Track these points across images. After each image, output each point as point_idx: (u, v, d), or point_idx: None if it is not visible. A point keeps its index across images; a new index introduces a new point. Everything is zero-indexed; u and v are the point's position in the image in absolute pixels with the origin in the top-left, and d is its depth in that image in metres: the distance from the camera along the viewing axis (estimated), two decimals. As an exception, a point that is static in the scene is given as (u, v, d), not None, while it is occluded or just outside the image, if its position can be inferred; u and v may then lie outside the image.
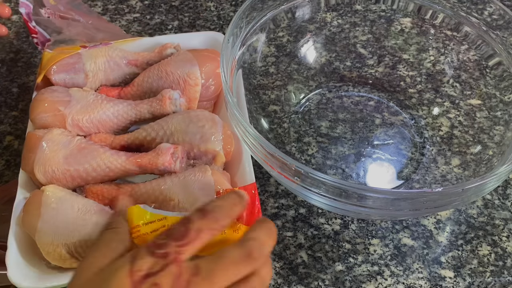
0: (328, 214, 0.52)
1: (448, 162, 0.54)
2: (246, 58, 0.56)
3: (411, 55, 0.63)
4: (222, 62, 0.46)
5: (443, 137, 0.57)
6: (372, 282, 0.47)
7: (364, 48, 0.65)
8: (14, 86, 0.65)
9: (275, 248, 0.49)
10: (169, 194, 0.43)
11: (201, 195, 0.43)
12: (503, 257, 0.49)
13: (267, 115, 0.59)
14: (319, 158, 0.56)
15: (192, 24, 0.73)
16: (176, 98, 0.51)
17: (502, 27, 0.52)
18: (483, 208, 0.52)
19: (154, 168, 0.46)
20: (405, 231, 0.51)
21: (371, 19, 0.65)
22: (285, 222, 0.51)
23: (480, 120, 0.56)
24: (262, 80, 0.61)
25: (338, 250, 0.49)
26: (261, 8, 0.55)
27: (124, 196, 0.44)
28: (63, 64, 0.54)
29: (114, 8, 0.75)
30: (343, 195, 0.40)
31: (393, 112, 0.60)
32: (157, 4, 0.76)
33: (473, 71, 0.58)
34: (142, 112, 0.52)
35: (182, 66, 0.53)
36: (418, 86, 0.61)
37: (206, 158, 0.48)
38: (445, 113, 0.59)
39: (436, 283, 0.47)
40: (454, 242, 0.50)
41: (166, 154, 0.46)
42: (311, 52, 0.63)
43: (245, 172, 0.47)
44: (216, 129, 0.48)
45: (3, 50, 0.69)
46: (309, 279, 0.47)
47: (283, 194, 0.53)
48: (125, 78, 0.57)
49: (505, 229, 0.51)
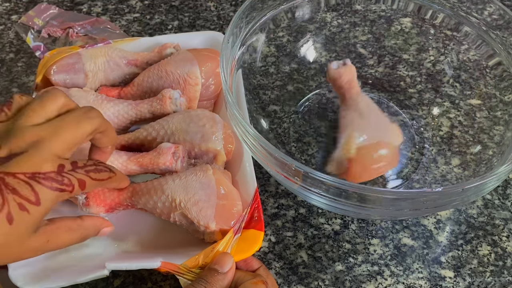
0: (328, 214, 0.52)
1: (448, 162, 0.54)
2: (246, 58, 0.56)
3: (411, 55, 0.63)
4: (222, 62, 0.46)
5: (443, 137, 0.57)
6: (372, 282, 0.47)
7: (364, 48, 0.65)
8: (14, 86, 0.65)
9: (275, 248, 0.49)
10: (170, 193, 0.43)
11: (203, 195, 0.43)
12: (503, 257, 0.49)
13: (267, 115, 0.59)
14: (319, 158, 0.56)
15: (192, 24, 0.73)
16: (176, 97, 0.51)
17: (502, 27, 0.52)
18: (483, 208, 0.52)
19: (155, 167, 0.46)
20: (405, 231, 0.51)
21: (371, 19, 0.65)
22: (285, 222, 0.51)
23: (480, 120, 0.56)
24: (262, 80, 0.61)
25: (338, 250, 0.49)
26: (261, 8, 0.55)
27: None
28: (62, 64, 0.54)
29: (114, 8, 0.75)
30: (343, 195, 0.39)
31: (393, 112, 0.60)
32: (157, 4, 0.76)
33: (473, 71, 0.58)
34: (143, 112, 0.52)
35: (182, 66, 0.53)
36: (418, 86, 0.61)
37: (207, 157, 0.48)
38: (445, 113, 0.59)
39: (436, 283, 0.47)
40: (454, 242, 0.50)
41: (167, 154, 0.46)
42: (311, 52, 0.63)
43: (246, 171, 0.47)
44: (217, 128, 0.48)
45: (3, 50, 0.69)
46: (309, 279, 0.47)
47: (283, 194, 0.53)
48: (125, 78, 0.57)
49: (505, 229, 0.51)
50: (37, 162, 0.33)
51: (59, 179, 0.34)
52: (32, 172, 0.32)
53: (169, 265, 0.41)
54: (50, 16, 0.67)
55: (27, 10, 0.74)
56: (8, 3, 0.76)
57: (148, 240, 0.47)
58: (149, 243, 0.47)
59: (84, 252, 0.45)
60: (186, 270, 0.41)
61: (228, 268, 0.40)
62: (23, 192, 0.32)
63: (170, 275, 0.47)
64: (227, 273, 0.40)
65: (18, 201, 0.32)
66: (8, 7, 0.76)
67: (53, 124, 0.35)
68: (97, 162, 0.38)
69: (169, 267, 0.41)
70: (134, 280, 0.47)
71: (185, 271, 0.41)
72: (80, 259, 0.44)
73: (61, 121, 0.35)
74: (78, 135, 0.36)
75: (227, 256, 0.41)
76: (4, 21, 0.73)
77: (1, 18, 0.74)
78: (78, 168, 0.35)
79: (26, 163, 0.32)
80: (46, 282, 0.41)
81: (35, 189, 0.32)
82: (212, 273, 0.40)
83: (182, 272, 0.41)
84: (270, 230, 0.51)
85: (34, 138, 0.33)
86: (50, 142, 0.34)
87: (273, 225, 0.51)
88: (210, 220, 0.42)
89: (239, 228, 0.43)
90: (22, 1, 0.77)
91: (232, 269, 0.41)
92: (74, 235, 0.38)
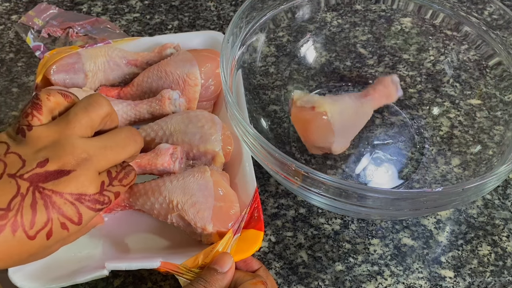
0: (328, 214, 0.52)
1: (448, 162, 0.54)
2: (246, 58, 0.56)
3: (411, 55, 0.63)
4: (222, 62, 0.46)
5: (443, 137, 0.57)
6: (372, 282, 0.47)
7: (364, 48, 0.65)
8: (14, 86, 0.65)
9: (275, 248, 0.49)
10: (168, 195, 0.43)
11: (200, 196, 0.43)
12: (503, 257, 0.49)
13: (267, 115, 0.59)
14: (319, 158, 0.56)
15: (192, 24, 0.73)
16: (175, 98, 0.51)
17: (502, 27, 0.52)
18: (483, 208, 0.52)
19: (153, 168, 0.46)
20: (405, 231, 0.51)
21: (371, 19, 0.65)
22: (285, 222, 0.51)
23: (480, 120, 0.56)
24: (262, 80, 0.61)
25: (338, 250, 0.49)
26: (261, 8, 0.55)
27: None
28: (62, 64, 0.54)
29: (114, 8, 0.75)
30: (343, 195, 0.39)
31: (393, 112, 0.60)
32: (157, 4, 0.76)
33: (473, 71, 0.58)
34: (142, 112, 0.52)
35: (181, 66, 0.53)
36: (418, 86, 0.61)
37: (205, 159, 0.48)
38: (445, 113, 0.59)
39: (436, 283, 0.47)
40: (454, 242, 0.50)
41: (165, 155, 0.46)
42: (311, 52, 0.63)
43: (245, 173, 0.47)
44: (216, 130, 0.48)
45: (3, 50, 0.69)
46: (309, 279, 0.47)
47: (283, 194, 0.53)
48: (125, 78, 0.57)
49: (505, 229, 0.51)
50: (84, 183, 0.33)
51: (101, 200, 0.34)
52: (79, 194, 0.33)
53: (169, 265, 0.41)
54: (50, 16, 0.67)
55: (27, 10, 0.74)
56: (8, 3, 0.76)
57: (147, 240, 0.47)
58: (148, 243, 0.47)
59: (84, 252, 0.45)
60: (186, 270, 0.41)
61: (227, 268, 0.40)
62: (68, 213, 0.32)
63: (170, 275, 0.47)
64: (226, 273, 0.40)
65: (62, 221, 0.32)
66: (8, 7, 0.76)
67: (102, 141, 0.35)
68: (124, 165, 0.38)
69: (169, 267, 0.41)
70: (134, 280, 0.47)
71: (185, 271, 0.41)
72: (80, 259, 0.44)
73: (110, 140, 0.36)
74: (122, 157, 0.36)
75: (226, 256, 0.41)
76: (4, 21, 0.73)
77: (1, 18, 0.74)
78: (113, 180, 0.36)
79: (74, 184, 0.33)
80: (46, 282, 0.41)
81: (80, 211, 0.33)
82: (211, 273, 0.40)
83: (181, 272, 0.41)
84: (270, 230, 0.51)
85: (83, 155, 0.33)
86: (98, 162, 0.34)
87: (273, 225, 0.51)
88: (207, 222, 0.42)
89: (239, 228, 0.43)
90: (22, 1, 0.77)
91: (232, 269, 0.41)
92: (83, 231, 0.39)
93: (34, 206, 0.31)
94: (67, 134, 0.34)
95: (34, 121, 0.34)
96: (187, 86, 0.52)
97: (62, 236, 0.33)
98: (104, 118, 0.36)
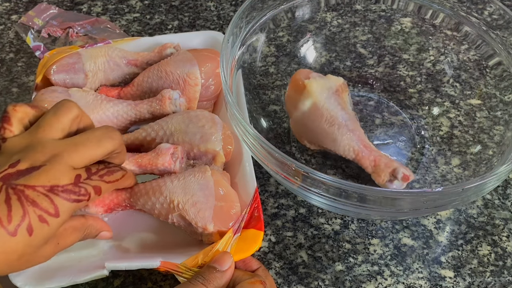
0: (328, 214, 0.52)
1: (448, 162, 0.54)
2: (246, 58, 0.56)
3: (411, 55, 0.63)
4: (222, 62, 0.46)
5: (443, 137, 0.57)
6: (372, 282, 0.47)
7: (364, 48, 0.65)
8: (14, 86, 0.65)
9: (275, 248, 0.49)
10: (169, 195, 0.43)
11: (201, 196, 0.43)
12: (503, 257, 0.49)
13: (267, 115, 0.59)
14: (319, 158, 0.56)
15: (192, 24, 0.73)
16: (176, 98, 0.51)
17: (502, 27, 0.52)
18: (483, 208, 0.52)
19: (154, 168, 0.46)
20: (405, 231, 0.51)
21: (371, 19, 0.65)
22: (285, 222, 0.51)
23: (480, 120, 0.56)
24: (262, 80, 0.61)
25: (338, 250, 0.49)
26: (261, 8, 0.55)
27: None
28: (62, 64, 0.54)
29: (114, 8, 0.75)
30: (343, 195, 0.39)
31: (393, 112, 0.60)
32: (157, 4, 0.76)
33: (473, 71, 0.58)
34: (142, 112, 0.52)
35: (182, 66, 0.53)
36: (418, 86, 0.61)
37: (206, 158, 0.48)
38: (445, 113, 0.59)
39: (436, 283, 0.47)
40: (454, 242, 0.50)
41: (166, 155, 0.46)
42: (311, 52, 0.63)
43: (245, 173, 0.47)
44: (216, 129, 0.48)
45: (3, 50, 0.69)
46: (309, 279, 0.47)
47: (283, 194, 0.53)
48: (125, 78, 0.57)
49: (505, 229, 0.51)
50: (56, 175, 0.34)
51: (76, 191, 0.35)
52: (51, 185, 0.33)
53: (169, 265, 0.41)
54: (50, 16, 0.67)
55: (27, 10, 0.74)
56: (8, 3, 0.76)
57: (147, 240, 0.47)
58: (148, 242, 0.47)
59: (84, 252, 0.45)
60: (186, 269, 0.41)
61: (227, 266, 0.40)
62: (43, 205, 0.33)
63: (170, 275, 0.47)
64: (225, 271, 0.40)
65: (38, 213, 0.32)
66: (8, 7, 0.76)
67: (74, 139, 0.36)
68: (107, 165, 0.39)
69: (169, 267, 0.41)
70: (134, 280, 0.47)
71: (185, 270, 0.41)
72: (80, 259, 0.44)
73: (82, 137, 0.37)
74: (98, 153, 0.37)
75: (226, 255, 0.41)
76: (4, 21, 0.73)
77: (1, 18, 0.74)
78: (92, 175, 0.36)
79: (45, 176, 0.33)
80: (46, 282, 0.41)
81: (55, 202, 0.33)
82: (210, 271, 0.40)
83: (181, 271, 0.41)
84: (270, 230, 0.51)
85: (53, 152, 0.34)
86: (69, 156, 0.35)
87: (273, 225, 0.51)
88: (208, 221, 0.42)
89: (239, 227, 0.43)
90: (22, 1, 0.77)
91: (231, 268, 0.41)
92: (79, 234, 0.39)
93: (9, 202, 0.32)
94: (38, 137, 0.35)
95: (6, 133, 0.36)
96: (187, 86, 0.52)
97: (44, 231, 0.33)
98: (74, 120, 0.37)
